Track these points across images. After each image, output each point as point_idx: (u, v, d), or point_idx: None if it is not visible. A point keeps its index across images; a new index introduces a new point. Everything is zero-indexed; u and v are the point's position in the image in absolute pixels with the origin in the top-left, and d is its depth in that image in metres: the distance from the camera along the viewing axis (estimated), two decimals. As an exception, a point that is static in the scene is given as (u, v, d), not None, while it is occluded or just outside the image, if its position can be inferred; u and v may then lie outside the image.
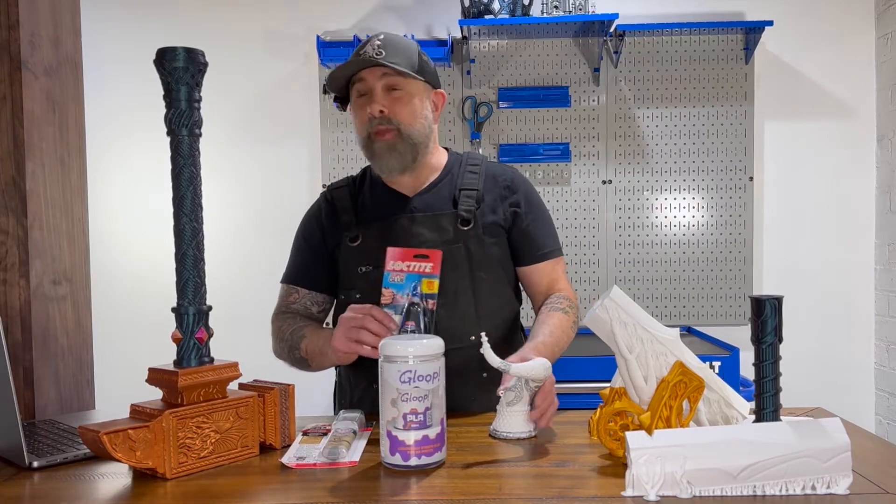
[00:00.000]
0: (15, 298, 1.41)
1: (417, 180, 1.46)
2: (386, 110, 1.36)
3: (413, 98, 1.39)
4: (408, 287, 1.26)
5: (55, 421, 1.34)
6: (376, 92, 1.37)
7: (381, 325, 1.22)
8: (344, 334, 1.24)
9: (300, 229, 1.54)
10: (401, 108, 1.37)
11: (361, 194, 1.49)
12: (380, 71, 1.36)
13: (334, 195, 1.50)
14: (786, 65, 3.02)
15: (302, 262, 1.51)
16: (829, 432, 0.92)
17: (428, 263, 1.26)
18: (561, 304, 1.44)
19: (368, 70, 1.37)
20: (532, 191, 1.51)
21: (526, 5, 2.84)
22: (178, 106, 1.05)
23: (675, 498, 0.89)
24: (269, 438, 1.14)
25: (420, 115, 1.40)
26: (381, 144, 1.37)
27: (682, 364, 1.01)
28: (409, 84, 1.39)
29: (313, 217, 1.52)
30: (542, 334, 1.34)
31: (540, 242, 1.48)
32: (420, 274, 1.26)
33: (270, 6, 3.07)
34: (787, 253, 3.04)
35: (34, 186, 1.43)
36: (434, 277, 1.26)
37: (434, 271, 1.26)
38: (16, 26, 1.40)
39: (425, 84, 1.42)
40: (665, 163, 3.03)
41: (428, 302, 1.26)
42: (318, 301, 1.50)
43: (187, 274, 1.07)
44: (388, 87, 1.37)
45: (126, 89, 3.02)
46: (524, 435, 1.16)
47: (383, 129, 1.36)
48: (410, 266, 1.26)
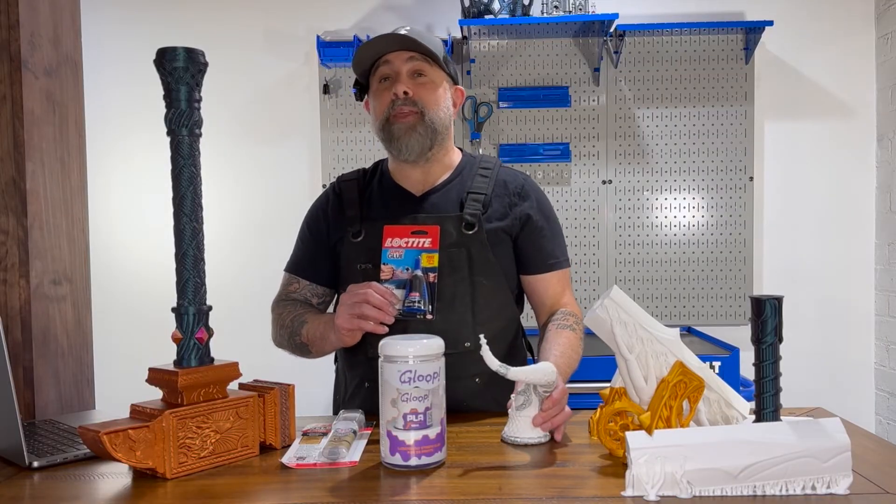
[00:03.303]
0: (15, 298, 1.41)
1: (428, 178, 1.45)
2: (410, 92, 1.36)
3: (437, 86, 1.39)
4: (407, 262, 1.26)
5: (55, 421, 1.34)
6: (402, 74, 1.37)
7: (382, 299, 1.21)
8: (347, 311, 1.24)
9: (306, 219, 1.53)
10: (426, 93, 1.37)
11: (370, 189, 1.48)
12: (406, 55, 1.36)
13: (343, 187, 1.49)
14: (786, 65, 3.02)
15: (305, 253, 1.51)
16: (829, 432, 0.92)
17: (426, 238, 1.26)
18: (568, 322, 1.41)
19: (395, 54, 1.37)
20: (544, 199, 1.49)
21: (526, 5, 2.84)
22: (178, 106, 1.05)
23: (675, 498, 0.89)
24: (269, 438, 1.14)
25: (443, 104, 1.40)
26: (400, 126, 1.37)
27: (682, 364, 1.01)
28: (434, 72, 1.39)
29: (320, 208, 1.51)
30: (554, 356, 1.30)
31: (548, 252, 1.46)
32: (419, 249, 1.26)
33: (270, 6, 3.07)
34: (787, 253, 3.04)
35: (34, 186, 1.43)
36: (433, 252, 1.25)
37: (433, 246, 1.26)
38: (16, 26, 1.40)
39: (448, 77, 1.42)
40: (665, 163, 3.03)
41: (429, 275, 1.25)
42: (319, 293, 1.50)
43: (187, 274, 1.07)
44: (414, 71, 1.37)
45: (126, 89, 3.02)
46: (533, 441, 1.14)
47: (406, 111, 1.36)
48: (409, 242, 1.26)
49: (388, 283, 1.26)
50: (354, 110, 3.05)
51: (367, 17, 3.06)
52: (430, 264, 1.26)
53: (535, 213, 1.45)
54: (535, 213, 1.46)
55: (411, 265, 1.26)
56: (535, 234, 1.45)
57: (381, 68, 1.39)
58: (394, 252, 1.26)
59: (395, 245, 1.26)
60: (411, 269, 1.27)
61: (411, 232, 1.27)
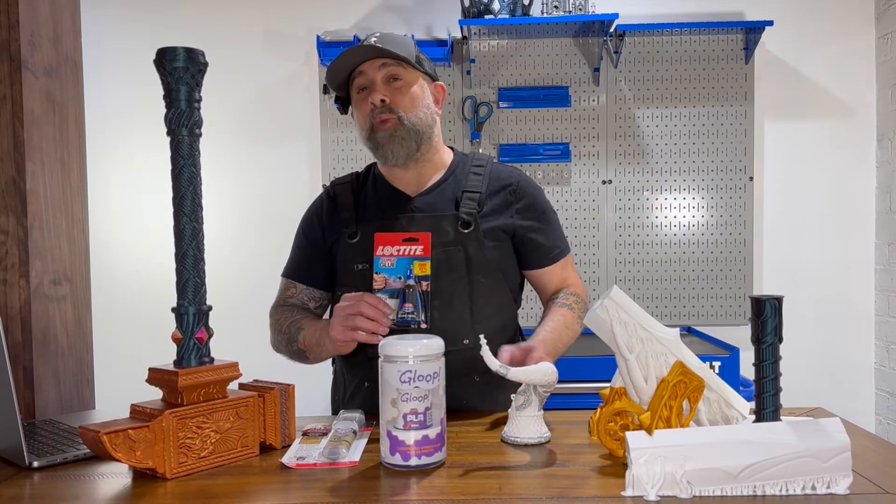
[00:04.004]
0: (15, 298, 1.41)
1: (421, 178, 1.45)
2: (387, 99, 1.36)
3: (412, 87, 1.39)
4: (399, 271, 1.26)
5: (55, 421, 1.34)
6: (376, 82, 1.37)
7: (375, 310, 1.22)
8: (340, 323, 1.24)
9: (301, 224, 1.54)
10: (401, 98, 1.38)
11: (364, 191, 1.49)
12: (378, 62, 1.37)
13: (337, 190, 1.50)
14: (786, 65, 3.02)
15: (301, 258, 1.51)
16: (829, 432, 0.92)
17: (418, 246, 1.25)
18: (567, 300, 1.44)
19: (368, 63, 1.38)
20: (538, 193, 1.50)
21: (526, 5, 2.84)
22: (178, 106, 1.05)
23: (675, 498, 0.89)
24: (269, 438, 1.14)
25: (421, 105, 1.40)
26: (382, 133, 1.37)
27: (682, 364, 1.01)
28: (408, 74, 1.39)
29: (314, 214, 1.52)
30: (544, 331, 1.34)
31: (548, 246, 1.48)
32: (411, 257, 1.25)
33: (270, 6, 3.07)
34: (787, 253, 3.04)
35: (34, 186, 1.43)
36: (425, 259, 1.25)
37: (425, 253, 1.25)
38: (16, 26, 1.40)
39: (424, 75, 1.43)
40: (665, 163, 3.03)
41: (422, 284, 1.25)
42: (316, 297, 1.50)
43: (187, 274, 1.07)
44: (389, 77, 1.38)
45: (126, 89, 3.02)
46: (534, 441, 1.14)
47: (385, 118, 1.37)
48: (400, 250, 1.26)
49: (380, 292, 1.26)
50: (354, 110, 3.04)
51: (367, 17, 3.06)
52: (422, 272, 1.26)
53: (531, 209, 1.46)
54: (532, 209, 1.46)
55: (403, 274, 1.26)
56: (533, 229, 1.46)
57: (357, 79, 1.40)
58: (385, 261, 1.26)
59: (386, 253, 1.26)
60: (403, 279, 1.27)
61: (402, 239, 1.27)
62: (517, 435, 1.14)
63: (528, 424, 1.14)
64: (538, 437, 1.14)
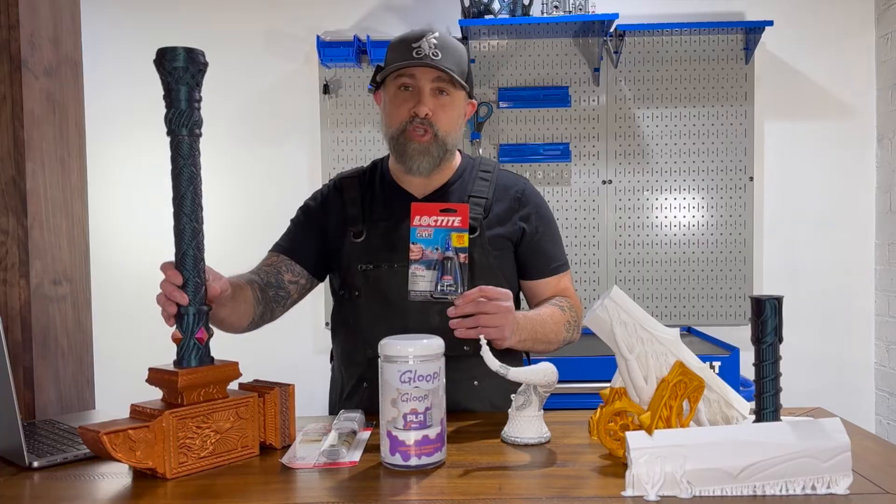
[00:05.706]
0: (15, 298, 1.41)
1: (430, 181, 1.44)
2: (430, 113, 1.35)
3: (456, 106, 1.39)
4: (437, 241, 1.21)
5: (55, 421, 1.34)
6: (425, 93, 1.35)
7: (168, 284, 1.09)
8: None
9: (303, 206, 1.51)
10: (444, 115, 1.36)
11: (371, 189, 1.47)
12: (433, 74, 1.35)
13: (344, 184, 1.48)
14: (786, 65, 3.02)
15: (294, 233, 1.48)
16: (829, 432, 0.92)
17: (456, 217, 1.21)
18: (560, 303, 1.43)
19: (422, 70, 1.35)
20: (543, 204, 1.50)
21: (526, 5, 2.84)
22: (178, 106, 1.05)
23: (675, 498, 0.89)
24: (269, 438, 1.14)
25: (458, 124, 1.40)
26: (415, 146, 1.36)
27: (682, 364, 1.01)
28: (455, 91, 1.38)
29: (320, 199, 1.50)
30: (524, 312, 1.32)
31: (549, 257, 1.47)
32: (449, 228, 1.21)
33: (270, 6, 3.07)
34: (787, 253, 3.04)
35: (34, 186, 1.43)
36: (463, 231, 1.21)
37: (463, 225, 1.21)
38: (16, 26, 1.40)
39: (465, 93, 1.41)
40: (665, 163, 3.03)
41: (460, 256, 1.22)
42: (295, 271, 1.45)
43: (187, 274, 1.07)
44: (437, 89, 1.36)
45: (126, 89, 3.02)
46: (533, 441, 1.14)
47: (422, 132, 1.35)
48: (438, 220, 1.21)
49: (417, 263, 1.21)
50: (354, 110, 3.05)
51: (367, 17, 3.06)
52: (460, 244, 1.21)
53: (536, 218, 1.46)
54: (536, 219, 1.46)
55: (441, 245, 1.22)
56: (536, 240, 1.46)
57: (403, 78, 1.37)
58: (423, 231, 1.21)
59: (423, 224, 1.21)
60: (441, 250, 1.22)
61: (440, 210, 1.22)
62: (517, 435, 1.14)
63: (528, 424, 1.14)
64: (538, 437, 1.14)
